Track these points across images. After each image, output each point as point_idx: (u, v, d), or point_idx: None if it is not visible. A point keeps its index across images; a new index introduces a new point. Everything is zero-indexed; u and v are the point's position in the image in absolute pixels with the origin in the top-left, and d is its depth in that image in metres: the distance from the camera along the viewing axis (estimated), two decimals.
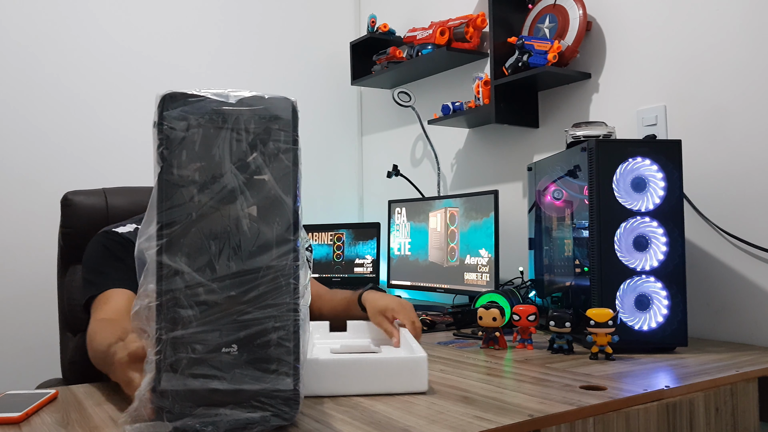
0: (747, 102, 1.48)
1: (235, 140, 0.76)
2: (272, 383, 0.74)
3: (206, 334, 0.73)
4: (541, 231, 1.67)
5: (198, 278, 0.74)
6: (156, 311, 0.73)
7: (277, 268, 0.76)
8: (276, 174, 0.77)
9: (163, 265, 0.74)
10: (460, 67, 2.34)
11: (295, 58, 2.77)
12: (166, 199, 0.74)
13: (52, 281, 1.66)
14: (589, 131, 1.52)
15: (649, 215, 1.32)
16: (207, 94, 0.76)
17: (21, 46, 2.17)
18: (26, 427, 0.84)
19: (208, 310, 0.74)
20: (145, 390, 0.73)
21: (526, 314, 1.36)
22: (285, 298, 0.75)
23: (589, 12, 1.83)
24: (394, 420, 0.83)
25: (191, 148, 0.75)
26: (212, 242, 0.74)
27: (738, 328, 1.48)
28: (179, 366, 0.72)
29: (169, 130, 0.75)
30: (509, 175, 2.14)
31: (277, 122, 0.78)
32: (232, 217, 0.75)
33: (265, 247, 0.76)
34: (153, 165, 0.76)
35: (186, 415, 0.72)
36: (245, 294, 0.75)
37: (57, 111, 2.22)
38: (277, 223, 0.76)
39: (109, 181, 1.75)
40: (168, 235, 0.74)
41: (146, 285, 0.76)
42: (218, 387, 0.73)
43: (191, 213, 0.74)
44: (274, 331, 0.75)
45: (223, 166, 0.75)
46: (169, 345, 0.73)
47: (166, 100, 0.76)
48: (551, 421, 0.86)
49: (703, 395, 1.05)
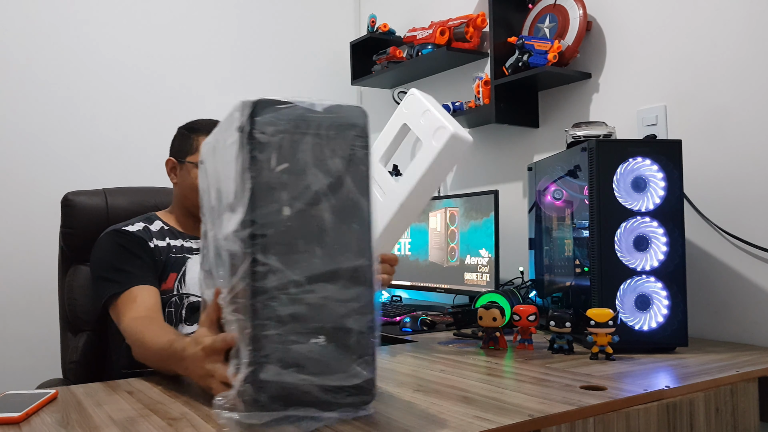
0: (747, 102, 1.48)
1: (318, 145, 0.81)
2: (354, 372, 0.80)
3: (296, 328, 0.78)
4: (542, 231, 1.67)
5: (289, 275, 0.78)
6: (249, 307, 0.77)
7: (357, 266, 0.81)
8: (353, 177, 0.82)
9: (257, 262, 0.77)
10: (460, 67, 2.34)
11: (295, 58, 2.77)
12: (257, 200, 0.78)
13: (52, 281, 1.66)
14: (589, 131, 1.52)
15: (650, 215, 1.32)
16: (293, 102, 0.82)
17: (21, 47, 2.17)
18: (26, 427, 0.84)
19: (298, 306, 0.78)
20: (240, 381, 0.77)
21: (526, 314, 1.36)
22: (365, 293, 0.81)
23: (590, 12, 1.83)
24: (394, 420, 0.83)
25: (279, 152, 0.79)
26: (300, 241, 0.79)
27: (738, 328, 1.48)
28: (273, 359, 0.77)
29: (260, 134, 0.79)
30: (509, 175, 2.14)
31: (354, 129, 0.83)
32: (317, 218, 0.80)
33: (346, 246, 0.81)
34: (237, 166, 0.80)
35: (279, 407, 0.77)
36: (330, 290, 0.80)
37: (57, 112, 2.22)
38: (355, 223, 0.82)
39: (109, 182, 1.75)
40: (260, 233, 0.78)
41: (229, 279, 0.82)
42: (308, 378, 0.78)
43: (281, 213, 0.79)
44: (356, 324, 0.81)
45: (308, 169, 0.80)
46: (263, 339, 0.77)
47: (256, 106, 0.80)
48: (551, 421, 0.86)
49: (704, 395, 1.05)
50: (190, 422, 0.85)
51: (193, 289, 1.41)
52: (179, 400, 0.96)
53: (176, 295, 1.38)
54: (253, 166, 0.79)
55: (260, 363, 0.76)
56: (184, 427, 0.82)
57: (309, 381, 0.78)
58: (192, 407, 0.92)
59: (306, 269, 0.79)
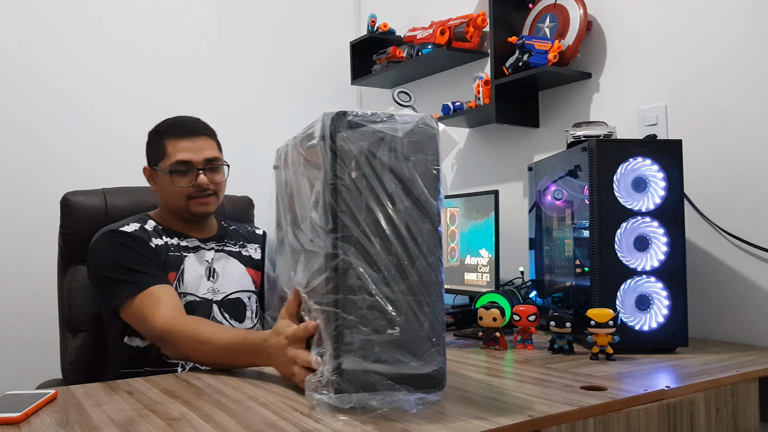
0: (748, 102, 1.48)
1: (393, 152, 0.89)
2: (427, 361, 0.88)
3: (375, 321, 0.86)
4: (542, 231, 1.67)
5: (369, 271, 0.87)
6: (334, 302, 0.86)
7: (429, 263, 0.89)
8: (425, 180, 0.90)
9: (342, 261, 0.86)
10: (460, 66, 2.34)
11: (296, 58, 2.77)
12: (340, 204, 0.87)
13: (51, 282, 1.66)
14: (589, 131, 1.52)
15: (650, 215, 1.32)
16: (369, 112, 0.90)
17: (21, 46, 2.17)
18: (26, 427, 0.84)
19: (376, 300, 0.87)
20: (326, 369, 0.86)
21: (526, 314, 1.36)
22: (435, 288, 0.90)
23: (590, 11, 1.83)
24: (394, 420, 0.83)
25: (359, 159, 0.88)
26: (378, 240, 0.87)
27: (739, 328, 1.47)
28: (355, 349, 0.86)
29: (341, 144, 0.88)
30: (509, 175, 2.14)
31: (424, 136, 0.91)
32: (393, 219, 0.88)
33: (419, 244, 0.89)
34: (322, 173, 0.89)
35: (361, 391, 0.86)
36: (405, 285, 0.88)
37: (56, 111, 2.22)
38: (427, 223, 0.90)
39: (108, 182, 1.75)
40: (345, 235, 0.87)
41: (312, 277, 0.92)
42: (386, 366, 0.86)
43: (361, 215, 0.87)
44: (427, 316, 0.88)
45: (384, 174, 0.88)
46: (346, 331, 0.86)
47: (336, 117, 0.88)
48: (551, 422, 0.85)
49: (704, 395, 1.05)
50: (190, 422, 0.84)
51: (190, 288, 1.41)
52: (179, 400, 0.96)
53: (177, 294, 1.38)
54: (335, 173, 0.87)
55: (344, 353, 0.85)
56: (184, 427, 0.82)
57: (387, 369, 0.86)
58: (192, 407, 0.92)
59: (384, 266, 0.87)
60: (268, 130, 2.67)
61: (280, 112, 2.71)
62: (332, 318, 0.86)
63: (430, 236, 0.90)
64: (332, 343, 0.86)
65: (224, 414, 0.88)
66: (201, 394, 1.00)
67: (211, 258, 1.48)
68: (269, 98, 2.70)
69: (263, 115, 2.67)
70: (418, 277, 0.89)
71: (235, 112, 2.59)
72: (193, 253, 1.46)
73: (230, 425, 0.83)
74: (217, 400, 0.96)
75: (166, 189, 1.44)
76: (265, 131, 2.66)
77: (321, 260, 0.89)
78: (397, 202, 0.89)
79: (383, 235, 0.88)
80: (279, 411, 0.89)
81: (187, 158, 1.41)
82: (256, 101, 2.66)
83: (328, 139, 0.88)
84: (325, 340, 0.88)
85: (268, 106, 2.69)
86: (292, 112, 2.74)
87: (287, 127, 2.73)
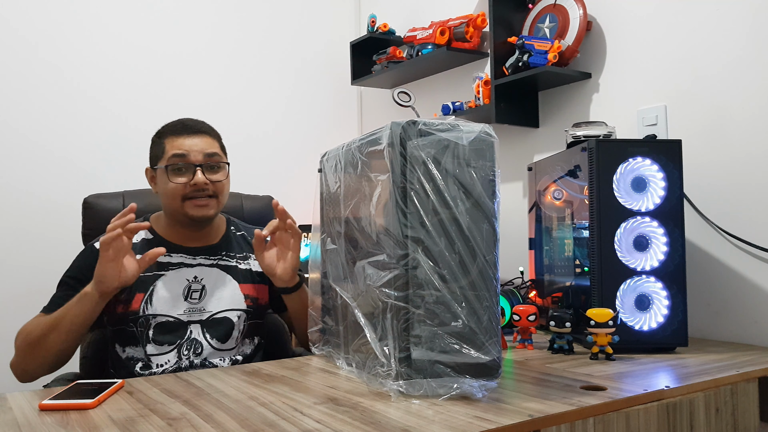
0: (747, 102, 1.48)
1: (456, 158, 0.96)
2: (485, 351, 0.95)
3: (440, 314, 0.94)
4: (542, 231, 1.67)
5: (435, 268, 0.94)
6: (404, 297, 0.94)
7: (487, 260, 0.97)
8: (483, 184, 0.97)
9: (411, 258, 0.94)
10: (460, 66, 2.34)
11: (295, 58, 2.77)
12: (410, 206, 0.94)
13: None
14: (589, 131, 1.52)
15: (650, 215, 1.32)
16: (435, 122, 0.97)
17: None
18: (26, 427, 0.84)
19: (441, 294, 0.94)
20: (396, 360, 0.94)
21: (526, 314, 1.36)
22: (492, 283, 0.97)
23: (590, 12, 1.83)
24: (394, 420, 0.83)
25: (425, 164, 0.95)
26: (443, 238, 0.95)
27: (738, 328, 1.48)
28: (423, 341, 0.93)
29: (411, 150, 0.95)
30: (509, 175, 2.14)
31: (485, 144, 0.98)
32: (456, 220, 0.95)
33: (479, 243, 0.96)
34: (390, 179, 0.96)
35: (428, 378, 0.94)
36: (467, 280, 0.95)
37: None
38: (485, 224, 0.97)
39: (127, 186, 1.78)
40: (413, 235, 0.94)
41: (378, 276, 0.99)
42: (449, 356, 0.94)
43: (428, 217, 0.94)
44: (485, 309, 0.96)
45: (447, 179, 0.95)
46: (415, 323, 0.93)
47: (406, 126, 0.95)
48: (551, 422, 0.85)
49: (704, 395, 1.05)
50: (190, 422, 0.85)
51: (162, 309, 1.35)
52: (179, 400, 0.96)
53: (142, 317, 1.34)
54: (404, 177, 0.95)
55: (412, 344, 0.93)
56: (184, 427, 0.82)
57: (450, 359, 0.94)
58: (192, 407, 0.92)
59: (447, 263, 0.94)
60: (268, 130, 2.67)
61: (279, 112, 2.72)
62: (402, 312, 0.94)
63: (488, 235, 0.97)
64: (402, 335, 0.93)
65: (224, 414, 0.88)
66: (201, 394, 1.00)
67: (193, 276, 1.40)
68: (269, 98, 2.70)
69: (263, 115, 2.67)
70: (478, 273, 0.95)
71: (236, 112, 2.60)
72: (174, 270, 1.39)
73: (230, 425, 0.83)
74: (217, 400, 0.97)
75: (163, 189, 1.39)
76: (265, 131, 2.67)
77: (382, 257, 0.98)
78: (459, 204, 0.95)
79: (447, 235, 0.95)
80: (279, 411, 0.89)
81: (184, 151, 1.35)
82: (257, 101, 2.66)
83: (398, 145, 0.95)
84: (395, 332, 0.95)
85: (268, 106, 2.69)
86: (292, 112, 2.74)
87: (287, 127, 2.73)
